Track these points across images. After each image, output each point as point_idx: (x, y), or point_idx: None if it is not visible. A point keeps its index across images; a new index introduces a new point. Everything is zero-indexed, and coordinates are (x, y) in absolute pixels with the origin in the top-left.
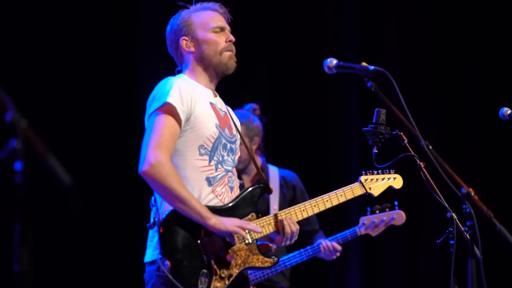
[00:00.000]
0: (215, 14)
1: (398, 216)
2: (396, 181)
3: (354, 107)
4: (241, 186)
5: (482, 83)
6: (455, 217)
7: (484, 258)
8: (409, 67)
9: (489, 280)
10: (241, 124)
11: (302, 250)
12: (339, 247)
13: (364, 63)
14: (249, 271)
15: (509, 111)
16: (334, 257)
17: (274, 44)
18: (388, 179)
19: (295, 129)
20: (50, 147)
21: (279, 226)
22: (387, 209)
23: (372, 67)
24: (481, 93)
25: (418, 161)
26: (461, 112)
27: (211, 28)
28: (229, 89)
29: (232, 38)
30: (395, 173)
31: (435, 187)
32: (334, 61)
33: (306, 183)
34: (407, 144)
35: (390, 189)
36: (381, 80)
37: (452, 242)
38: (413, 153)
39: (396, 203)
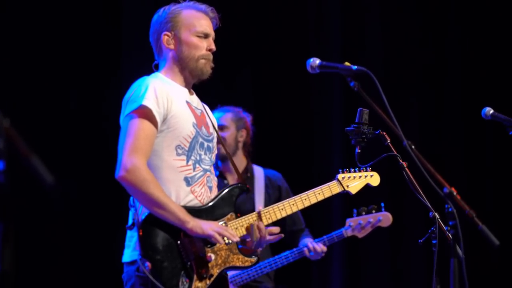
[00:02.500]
0: (204, 18)
1: (385, 218)
2: (373, 178)
3: (337, 107)
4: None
5: (465, 83)
6: (438, 217)
7: (466, 257)
8: (393, 67)
9: (471, 279)
10: (230, 112)
11: (288, 252)
12: (324, 249)
13: (347, 63)
14: (233, 273)
15: (491, 111)
16: (319, 257)
17: (257, 44)
18: (365, 176)
19: (278, 128)
20: (32, 146)
21: (249, 230)
22: (374, 211)
23: (355, 67)
24: (464, 93)
25: (400, 161)
26: (444, 112)
27: (195, 32)
28: (213, 89)
29: (213, 47)
30: (372, 170)
31: (417, 186)
32: (317, 61)
33: (289, 183)
34: (389, 143)
35: (371, 188)
36: (364, 79)
37: (434, 241)
38: (395, 152)
39: (382, 204)
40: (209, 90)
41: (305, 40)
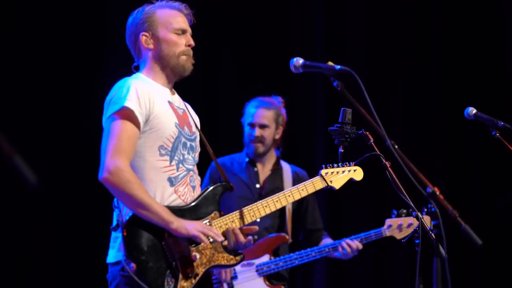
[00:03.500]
0: (179, 15)
1: (426, 221)
2: (357, 173)
3: (320, 107)
4: (256, 174)
5: (449, 83)
6: (421, 216)
7: (449, 257)
8: (376, 66)
9: (454, 279)
10: (271, 109)
11: (315, 248)
12: (360, 246)
13: (330, 63)
14: (262, 261)
15: (474, 111)
16: (352, 256)
17: (241, 43)
18: (349, 171)
19: None
20: (15, 145)
21: (225, 234)
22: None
23: (338, 67)
24: (447, 93)
25: (383, 161)
26: (427, 112)
27: (173, 29)
28: (196, 87)
29: (192, 43)
30: (355, 165)
31: (400, 186)
32: (301, 61)
33: None
34: (373, 143)
35: (354, 187)
36: (347, 79)
37: (417, 241)
38: (379, 152)
39: (424, 208)
40: (192, 90)
41: (288, 40)
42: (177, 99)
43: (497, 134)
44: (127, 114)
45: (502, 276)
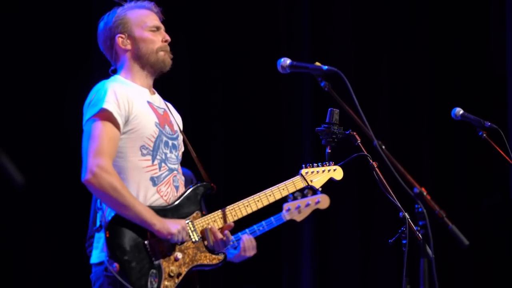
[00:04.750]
0: (150, 13)
1: (323, 200)
2: (337, 172)
3: (308, 107)
4: None
5: (436, 83)
6: (408, 217)
7: (436, 257)
8: (363, 67)
9: (441, 279)
10: None
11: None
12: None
13: (317, 63)
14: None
15: (461, 111)
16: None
17: (228, 44)
18: (329, 170)
19: (248, 129)
20: (2, 145)
21: (204, 234)
22: (309, 194)
23: (325, 67)
24: (434, 93)
25: (371, 161)
26: (415, 112)
27: (147, 27)
28: (181, 87)
29: (168, 38)
30: (335, 164)
31: (387, 186)
32: (288, 61)
33: (259, 183)
34: (360, 143)
35: (340, 187)
36: (334, 80)
37: (404, 241)
38: (366, 152)
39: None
40: (177, 90)
41: (276, 40)
42: (157, 99)
43: (484, 135)
44: (106, 116)
45: (489, 276)
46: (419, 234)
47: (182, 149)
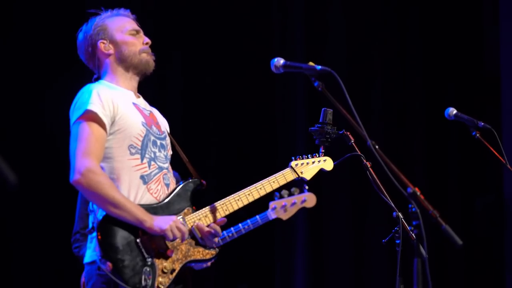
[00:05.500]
0: (127, 19)
1: (310, 198)
2: (327, 163)
3: (301, 107)
4: None
5: (429, 83)
6: (401, 217)
7: (429, 257)
8: (356, 67)
9: (435, 279)
10: None
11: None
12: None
13: (311, 63)
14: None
15: (454, 111)
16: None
17: (222, 44)
18: (319, 162)
19: (242, 129)
20: None
21: (191, 232)
22: (296, 193)
23: (319, 67)
24: (428, 93)
25: (364, 161)
26: (408, 112)
27: (128, 31)
28: (175, 86)
29: (148, 41)
30: (324, 155)
31: (381, 186)
32: (281, 61)
33: (253, 182)
34: (353, 143)
35: (332, 185)
36: (328, 80)
37: (398, 241)
38: (359, 152)
39: (305, 186)
40: (170, 89)
41: (270, 40)
42: (142, 102)
43: (477, 135)
44: (92, 117)
45: (482, 276)
46: (413, 234)
47: (171, 150)
